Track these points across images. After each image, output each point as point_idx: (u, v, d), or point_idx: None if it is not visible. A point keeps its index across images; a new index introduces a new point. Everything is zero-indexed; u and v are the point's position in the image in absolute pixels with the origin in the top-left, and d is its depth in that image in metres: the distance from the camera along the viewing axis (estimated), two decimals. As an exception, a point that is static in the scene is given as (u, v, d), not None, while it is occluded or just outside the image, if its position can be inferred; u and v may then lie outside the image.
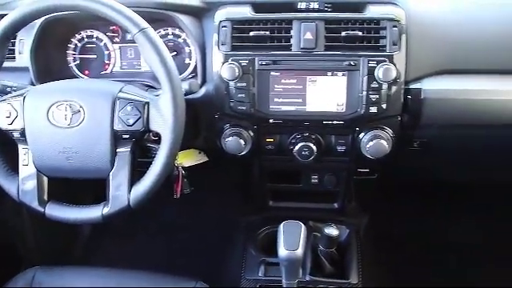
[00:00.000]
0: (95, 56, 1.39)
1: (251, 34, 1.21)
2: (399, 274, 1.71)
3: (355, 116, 1.21)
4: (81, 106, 1.05)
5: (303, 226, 1.12)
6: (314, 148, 1.26)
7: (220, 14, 1.24)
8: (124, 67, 1.39)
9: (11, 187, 1.12)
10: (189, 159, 1.43)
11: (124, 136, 1.05)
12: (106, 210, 1.07)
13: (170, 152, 1.03)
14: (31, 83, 1.29)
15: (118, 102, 1.04)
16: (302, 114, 1.23)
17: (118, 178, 1.06)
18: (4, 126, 1.09)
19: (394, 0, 1.25)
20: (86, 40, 1.39)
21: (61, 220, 1.11)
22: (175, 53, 1.34)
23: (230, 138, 1.25)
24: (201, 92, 1.26)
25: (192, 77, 1.34)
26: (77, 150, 1.06)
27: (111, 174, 1.06)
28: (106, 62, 1.39)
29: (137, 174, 1.07)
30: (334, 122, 1.23)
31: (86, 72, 1.40)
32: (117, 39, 1.38)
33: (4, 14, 1.08)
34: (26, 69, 1.30)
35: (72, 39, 1.39)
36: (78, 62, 1.40)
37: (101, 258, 1.92)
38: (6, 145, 1.11)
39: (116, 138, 1.05)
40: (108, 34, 1.38)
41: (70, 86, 1.13)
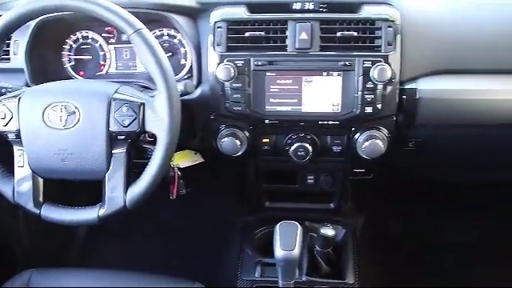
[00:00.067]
0: (90, 57, 1.39)
1: (246, 34, 1.21)
2: (395, 274, 1.72)
3: (351, 116, 1.21)
4: (76, 107, 1.04)
5: (299, 227, 1.12)
6: (310, 148, 1.26)
7: (215, 15, 1.24)
8: (119, 68, 1.39)
9: (6, 189, 1.12)
10: (185, 160, 1.43)
11: (119, 137, 1.05)
12: (101, 212, 1.07)
13: (166, 153, 1.03)
14: (26, 84, 1.28)
15: (113, 102, 1.04)
16: (297, 114, 1.23)
17: (113, 180, 1.06)
18: None
19: (388, 0, 1.25)
20: (81, 41, 1.38)
21: (56, 221, 1.10)
22: (171, 53, 1.34)
23: (226, 139, 1.25)
24: (196, 93, 1.26)
25: (187, 77, 1.34)
26: (72, 151, 1.05)
27: (107, 176, 1.06)
28: (102, 62, 1.39)
29: (133, 175, 1.07)
30: (330, 123, 1.23)
31: (82, 73, 1.40)
32: (112, 40, 1.38)
33: (-1, 15, 1.08)
34: (21, 70, 1.29)
35: (67, 40, 1.38)
36: (73, 62, 1.39)
37: (97, 259, 1.91)
38: (1, 146, 1.10)
39: (111, 139, 1.05)
40: (103, 34, 1.38)
41: (65, 87, 1.12)
